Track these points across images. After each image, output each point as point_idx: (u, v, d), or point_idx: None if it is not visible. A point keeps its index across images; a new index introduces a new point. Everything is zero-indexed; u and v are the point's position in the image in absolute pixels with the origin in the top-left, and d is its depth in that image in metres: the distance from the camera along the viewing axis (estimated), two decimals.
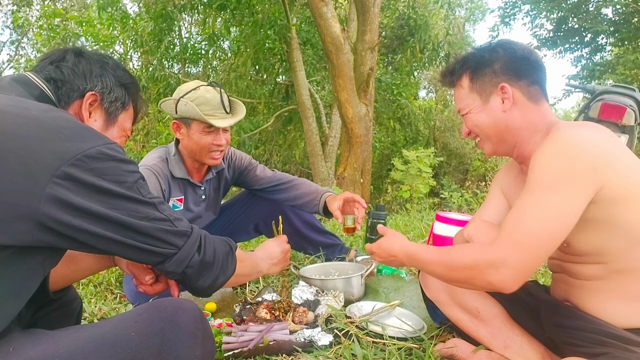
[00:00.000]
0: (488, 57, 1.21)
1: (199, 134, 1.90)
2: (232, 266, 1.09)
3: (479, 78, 1.22)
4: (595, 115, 2.49)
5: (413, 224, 3.54)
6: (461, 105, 1.27)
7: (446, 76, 1.32)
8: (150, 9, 8.32)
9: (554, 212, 0.97)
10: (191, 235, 0.99)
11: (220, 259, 1.05)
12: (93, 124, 1.03)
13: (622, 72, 9.25)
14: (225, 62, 10.94)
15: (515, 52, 1.19)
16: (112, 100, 1.06)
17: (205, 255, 1.00)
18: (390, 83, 10.56)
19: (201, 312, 0.88)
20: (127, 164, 0.90)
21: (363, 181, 6.83)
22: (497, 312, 1.32)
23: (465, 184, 11.27)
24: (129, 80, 1.11)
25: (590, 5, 9.89)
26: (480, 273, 1.01)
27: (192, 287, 1.03)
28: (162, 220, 0.93)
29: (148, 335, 0.79)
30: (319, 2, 6.08)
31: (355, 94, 6.50)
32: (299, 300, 1.80)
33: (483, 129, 1.23)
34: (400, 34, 10.74)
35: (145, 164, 1.92)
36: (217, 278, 1.04)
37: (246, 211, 2.34)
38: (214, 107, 1.88)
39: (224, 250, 1.09)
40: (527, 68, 1.18)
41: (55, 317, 1.12)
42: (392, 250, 1.29)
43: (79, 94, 1.01)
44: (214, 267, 1.03)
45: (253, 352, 1.40)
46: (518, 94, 1.18)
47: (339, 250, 2.40)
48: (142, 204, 0.90)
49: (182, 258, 0.96)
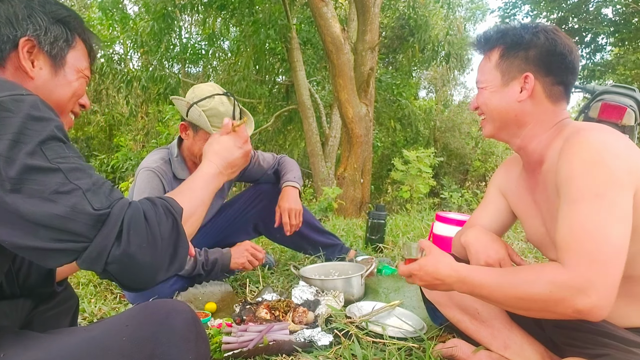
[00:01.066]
0: (527, 39, 1.13)
1: (204, 142, 1.90)
2: (181, 248, 0.83)
3: (509, 58, 1.15)
4: (595, 115, 2.49)
5: (413, 224, 3.54)
6: (481, 78, 1.22)
7: (480, 42, 1.23)
8: (150, 9, 8.32)
9: (614, 218, 0.91)
10: (108, 219, 0.75)
11: (159, 242, 0.78)
12: (39, 74, 0.89)
13: (623, 73, 9.26)
14: (225, 62, 10.95)
15: (556, 45, 1.11)
16: (52, 41, 0.90)
17: (129, 245, 0.75)
18: (391, 83, 10.56)
19: (194, 314, 0.85)
20: (37, 121, 0.73)
21: (363, 181, 6.83)
22: (497, 313, 1.32)
23: (466, 184, 11.27)
24: (65, 14, 0.94)
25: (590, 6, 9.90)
26: (564, 301, 0.90)
27: (122, 286, 0.81)
28: (67, 195, 0.72)
29: (140, 340, 0.76)
30: (319, 2, 6.08)
31: (356, 94, 6.51)
32: (299, 300, 1.80)
33: (491, 110, 1.19)
34: (401, 34, 10.76)
35: (148, 166, 1.93)
36: (156, 270, 0.79)
37: (246, 212, 2.34)
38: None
39: (165, 228, 0.80)
40: (559, 66, 1.12)
41: (52, 315, 1.10)
42: (438, 273, 1.10)
43: (11, 44, 0.85)
44: (147, 257, 0.77)
45: (253, 352, 1.40)
46: (539, 89, 1.13)
47: (338, 250, 2.40)
48: (42, 172, 0.71)
49: (95, 254, 0.74)
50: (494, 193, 1.39)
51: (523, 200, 1.27)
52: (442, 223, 2.29)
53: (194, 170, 2.02)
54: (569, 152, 1.00)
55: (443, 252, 1.15)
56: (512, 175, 1.33)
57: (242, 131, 1.17)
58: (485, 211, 1.39)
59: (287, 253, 2.71)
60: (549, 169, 1.11)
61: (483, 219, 1.38)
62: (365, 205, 6.80)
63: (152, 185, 1.90)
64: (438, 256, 1.13)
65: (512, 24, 1.20)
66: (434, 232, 2.33)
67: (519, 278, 0.97)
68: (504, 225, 1.38)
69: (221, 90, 1.93)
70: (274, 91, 10.38)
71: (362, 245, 2.84)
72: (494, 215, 1.37)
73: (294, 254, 2.52)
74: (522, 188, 1.27)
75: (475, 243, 1.30)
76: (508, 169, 1.37)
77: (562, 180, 1.00)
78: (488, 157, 11.63)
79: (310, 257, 2.43)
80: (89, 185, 0.75)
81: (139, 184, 1.91)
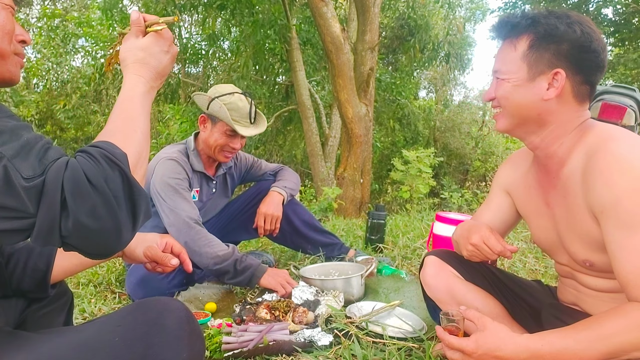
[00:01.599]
0: (562, 30, 1.02)
1: (221, 133, 2.04)
2: (139, 200, 0.71)
3: (540, 50, 1.04)
4: (595, 115, 2.48)
5: (413, 224, 3.54)
6: (502, 67, 1.09)
7: (504, 27, 1.10)
8: (150, 9, 8.32)
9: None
10: (45, 188, 0.64)
11: (112, 202, 0.67)
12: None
13: (623, 72, 9.26)
14: (225, 62, 10.94)
15: (592, 41, 1.01)
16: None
17: (79, 213, 0.64)
18: (390, 83, 10.57)
19: (188, 312, 0.83)
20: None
21: (363, 181, 6.83)
22: (498, 312, 1.32)
23: (466, 184, 11.28)
24: None
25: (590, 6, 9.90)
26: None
27: (90, 256, 0.72)
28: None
29: (132, 340, 0.74)
30: (319, 2, 6.08)
31: (355, 94, 6.51)
32: (299, 300, 1.80)
33: (512, 105, 1.08)
34: (401, 34, 10.76)
35: (168, 155, 2.01)
36: (120, 232, 0.69)
37: (246, 210, 2.36)
38: (242, 116, 2.05)
39: (114, 184, 0.68)
40: (591, 65, 1.03)
41: (46, 313, 1.08)
42: (501, 351, 0.92)
43: None
44: (104, 222, 0.67)
45: (253, 353, 1.40)
46: (568, 87, 1.04)
47: (338, 249, 2.41)
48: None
49: (45, 229, 0.65)
50: (498, 191, 1.35)
51: (532, 199, 1.22)
52: (442, 223, 2.29)
53: (208, 164, 2.16)
54: (606, 173, 0.94)
55: (500, 326, 0.96)
56: (519, 173, 1.28)
57: (167, 32, 0.95)
58: (488, 210, 1.37)
59: (287, 253, 2.71)
60: (571, 174, 1.06)
61: (485, 218, 1.36)
62: (365, 205, 6.80)
63: (177, 171, 1.98)
64: (497, 332, 0.94)
65: (540, 12, 1.07)
66: (434, 233, 2.33)
67: (607, 330, 0.87)
68: (507, 224, 1.36)
69: (240, 90, 2.10)
70: (274, 91, 10.38)
71: (362, 245, 2.84)
72: (497, 214, 1.35)
73: (294, 254, 2.52)
74: (532, 187, 1.21)
75: (458, 230, 1.31)
76: (514, 165, 1.31)
77: (604, 204, 0.94)
78: (488, 157, 11.63)
79: (310, 257, 2.43)
80: (15, 150, 0.64)
81: (162, 171, 1.95)
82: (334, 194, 5.20)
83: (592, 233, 1.01)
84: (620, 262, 0.92)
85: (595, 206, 0.98)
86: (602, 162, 0.95)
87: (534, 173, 1.21)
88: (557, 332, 0.91)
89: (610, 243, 0.94)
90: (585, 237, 1.04)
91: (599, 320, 0.89)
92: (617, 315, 0.88)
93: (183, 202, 1.91)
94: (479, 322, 0.98)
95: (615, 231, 0.93)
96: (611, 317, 0.89)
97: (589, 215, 1.01)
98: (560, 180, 1.10)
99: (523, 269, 2.38)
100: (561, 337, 0.89)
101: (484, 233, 1.21)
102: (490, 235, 1.20)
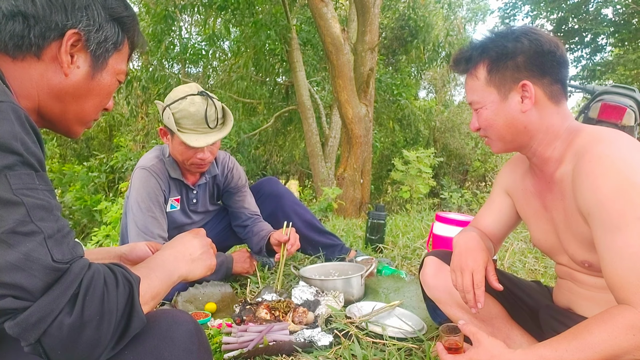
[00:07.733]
0: (512, 47, 1.07)
1: (179, 146, 1.88)
2: (134, 324, 0.71)
3: (499, 71, 1.09)
4: (595, 115, 2.49)
5: (413, 225, 3.54)
6: (474, 98, 1.15)
7: (460, 63, 1.17)
8: (151, 11, 8.32)
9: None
10: (64, 277, 0.62)
11: (113, 314, 0.66)
12: (75, 72, 0.79)
13: (623, 73, 9.27)
14: (226, 62, 10.94)
15: (542, 44, 1.06)
16: (101, 41, 0.80)
17: (83, 314, 0.62)
18: (390, 83, 10.57)
19: (197, 324, 0.84)
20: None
21: (363, 181, 6.83)
22: (497, 312, 1.32)
23: (465, 185, 11.29)
24: (124, 13, 0.84)
25: (590, 6, 9.91)
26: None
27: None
28: (24, 238, 0.60)
29: (141, 354, 0.73)
30: (319, 2, 6.09)
31: (355, 95, 6.51)
32: (299, 300, 1.80)
33: (497, 128, 1.12)
34: (401, 34, 10.76)
35: (144, 165, 1.94)
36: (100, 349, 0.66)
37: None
38: (196, 122, 1.80)
39: (121, 298, 0.68)
40: (552, 64, 1.06)
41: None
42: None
43: (57, 33, 0.75)
44: (97, 332, 0.64)
45: (253, 353, 1.40)
46: (540, 93, 1.07)
47: (338, 250, 2.41)
48: (1, 204, 0.59)
49: (35, 318, 0.59)
50: (499, 193, 1.36)
51: (530, 203, 1.23)
52: (442, 223, 2.30)
53: (184, 171, 2.02)
54: (591, 176, 0.95)
55: (494, 341, 0.97)
56: (517, 175, 1.29)
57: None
58: (489, 211, 1.37)
59: None
60: (564, 177, 1.07)
61: (486, 219, 1.37)
62: (365, 205, 6.81)
63: (149, 184, 1.90)
64: (491, 347, 0.96)
65: (486, 36, 1.14)
66: (434, 233, 2.34)
67: (596, 337, 0.87)
68: (508, 225, 1.36)
69: (196, 90, 1.84)
70: (274, 92, 10.38)
71: (362, 246, 2.84)
72: (498, 215, 1.35)
73: (294, 254, 2.52)
74: (529, 191, 1.23)
75: (461, 246, 1.26)
76: (513, 168, 1.33)
77: (590, 207, 0.95)
78: (488, 157, 11.63)
79: (310, 257, 2.43)
80: (53, 231, 0.63)
81: (135, 183, 1.92)
82: (334, 194, 5.21)
83: (586, 234, 1.02)
84: (607, 264, 0.92)
85: (583, 208, 0.99)
86: (587, 165, 0.97)
87: (530, 177, 1.23)
88: (548, 345, 0.92)
89: (598, 245, 0.95)
90: (582, 238, 1.05)
91: (588, 327, 0.90)
92: (604, 321, 0.88)
93: (151, 224, 1.85)
94: (474, 337, 0.99)
95: (602, 233, 0.94)
96: (599, 323, 0.89)
97: (581, 217, 1.01)
98: (555, 184, 1.12)
99: (523, 269, 2.38)
100: (553, 349, 0.90)
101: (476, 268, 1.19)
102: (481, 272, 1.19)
